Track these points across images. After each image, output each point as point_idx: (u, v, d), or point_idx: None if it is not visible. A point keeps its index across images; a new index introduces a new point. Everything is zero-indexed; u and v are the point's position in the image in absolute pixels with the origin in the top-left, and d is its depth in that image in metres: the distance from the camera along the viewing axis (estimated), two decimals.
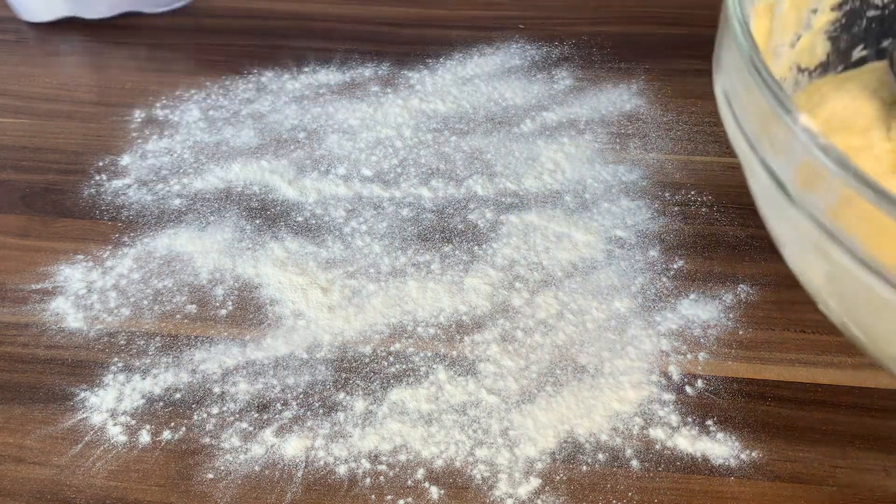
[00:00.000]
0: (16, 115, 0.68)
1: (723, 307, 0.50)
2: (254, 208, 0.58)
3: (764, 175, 0.32)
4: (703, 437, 0.43)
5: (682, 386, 0.46)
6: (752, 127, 0.33)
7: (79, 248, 0.55)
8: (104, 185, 0.60)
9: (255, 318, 0.50)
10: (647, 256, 0.53)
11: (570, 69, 0.70)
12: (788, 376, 0.46)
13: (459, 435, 0.44)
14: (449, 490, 0.41)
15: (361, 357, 0.48)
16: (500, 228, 0.55)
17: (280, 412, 0.45)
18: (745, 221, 0.55)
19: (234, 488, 0.42)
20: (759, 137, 0.32)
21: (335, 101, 0.67)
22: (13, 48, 0.76)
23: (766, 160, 0.32)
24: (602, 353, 0.47)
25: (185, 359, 0.48)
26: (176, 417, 0.45)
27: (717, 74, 0.38)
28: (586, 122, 0.64)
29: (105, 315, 0.51)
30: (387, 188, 0.59)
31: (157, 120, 0.66)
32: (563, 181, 0.59)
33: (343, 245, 0.54)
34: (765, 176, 0.32)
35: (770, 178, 0.32)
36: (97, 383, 0.47)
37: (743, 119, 0.34)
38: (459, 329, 0.49)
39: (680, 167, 0.60)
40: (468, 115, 0.65)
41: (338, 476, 0.42)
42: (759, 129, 0.32)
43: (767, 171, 0.32)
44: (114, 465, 0.43)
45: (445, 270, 0.53)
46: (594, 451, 0.43)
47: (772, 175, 0.32)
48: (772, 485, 0.41)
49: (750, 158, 0.33)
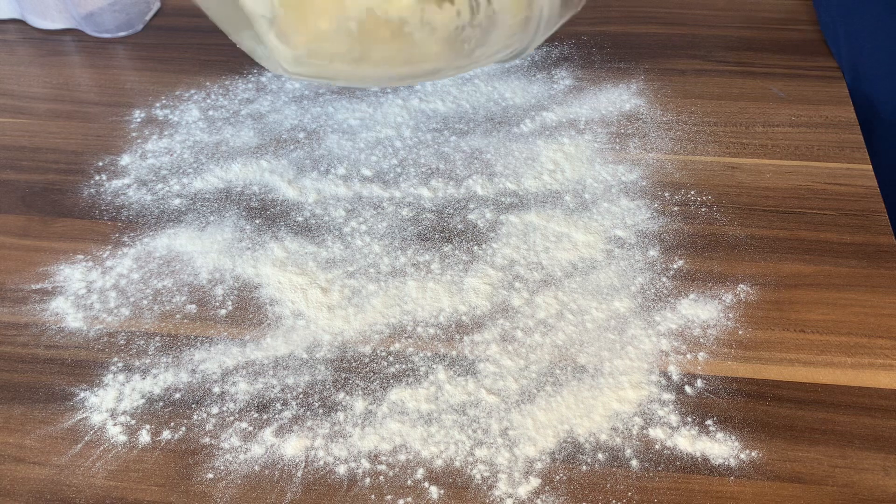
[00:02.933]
0: (16, 115, 0.68)
1: (722, 307, 0.50)
2: (254, 208, 0.58)
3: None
4: (703, 437, 0.43)
5: (682, 386, 0.46)
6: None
7: (79, 248, 0.55)
8: (104, 185, 0.60)
9: (254, 318, 0.50)
10: (646, 256, 0.53)
11: (570, 69, 0.70)
12: (788, 376, 0.46)
13: (459, 435, 0.44)
14: (449, 490, 0.41)
15: (361, 357, 0.48)
16: (500, 228, 0.55)
17: (280, 412, 0.45)
18: (745, 221, 0.55)
19: (234, 488, 0.42)
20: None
21: (335, 101, 0.67)
22: (13, 48, 0.76)
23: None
24: (602, 352, 0.47)
25: (185, 359, 0.48)
26: (176, 417, 0.45)
27: None
28: (586, 122, 0.64)
29: (105, 315, 0.51)
30: (386, 188, 0.59)
31: (156, 120, 0.66)
32: (562, 181, 0.59)
33: (343, 245, 0.55)
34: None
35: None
36: (97, 383, 0.47)
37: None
38: (459, 329, 0.49)
39: (680, 167, 0.60)
40: (468, 114, 0.65)
41: (337, 476, 0.42)
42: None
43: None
44: (114, 464, 0.43)
45: (445, 270, 0.53)
46: (594, 451, 0.43)
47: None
48: (772, 485, 0.41)
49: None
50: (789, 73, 0.68)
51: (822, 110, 0.64)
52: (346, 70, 0.54)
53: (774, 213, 0.56)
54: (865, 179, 0.58)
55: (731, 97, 0.66)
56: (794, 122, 0.63)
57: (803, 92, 0.66)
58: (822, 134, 0.62)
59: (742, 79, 0.68)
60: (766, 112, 0.64)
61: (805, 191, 0.57)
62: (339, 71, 0.55)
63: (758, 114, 0.64)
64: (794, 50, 0.71)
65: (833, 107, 0.65)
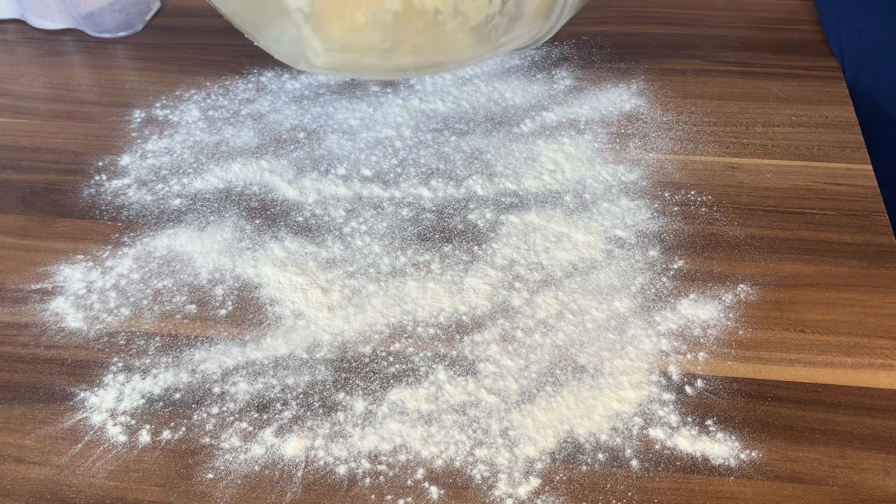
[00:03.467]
0: (16, 115, 0.68)
1: (723, 307, 0.50)
2: (254, 208, 0.58)
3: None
4: (703, 437, 0.43)
5: (682, 386, 0.46)
6: None
7: (79, 248, 0.55)
8: (104, 185, 0.60)
9: (254, 318, 0.50)
10: (646, 256, 0.53)
11: (570, 69, 0.70)
12: (788, 376, 0.46)
13: (459, 435, 0.44)
14: (449, 490, 0.41)
15: (361, 357, 0.48)
16: (500, 228, 0.55)
17: (280, 412, 0.45)
18: (745, 221, 0.55)
19: (234, 488, 0.42)
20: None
21: (335, 101, 0.67)
22: (13, 48, 0.76)
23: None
24: (602, 353, 0.47)
25: (185, 359, 0.48)
26: (176, 417, 0.45)
27: None
28: (586, 122, 0.64)
29: (105, 315, 0.51)
30: (386, 188, 0.59)
31: (156, 120, 0.66)
32: (562, 181, 0.59)
33: (343, 245, 0.55)
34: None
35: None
36: (97, 383, 0.47)
37: None
38: (459, 329, 0.49)
39: (680, 167, 0.60)
40: (468, 114, 0.65)
41: (338, 476, 0.42)
42: None
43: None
44: (114, 465, 0.43)
45: (445, 270, 0.53)
46: (594, 451, 0.43)
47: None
48: (772, 485, 0.41)
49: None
50: (789, 73, 0.68)
51: (822, 110, 0.64)
52: (375, 62, 0.54)
53: (774, 213, 0.56)
54: (865, 179, 0.58)
55: (731, 97, 0.66)
56: (794, 122, 0.63)
57: (803, 92, 0.66)
58: (823, 134, 0.62)
59: (742, 79, 0.68)
60: (766, 112, 0.64)
61: (805, 191, 0.57)
62: (368, 63, 0.55)
63: (758, 114, 0.64)
64: (794, 50, 0.71)
65: (833, 107, 0.65)
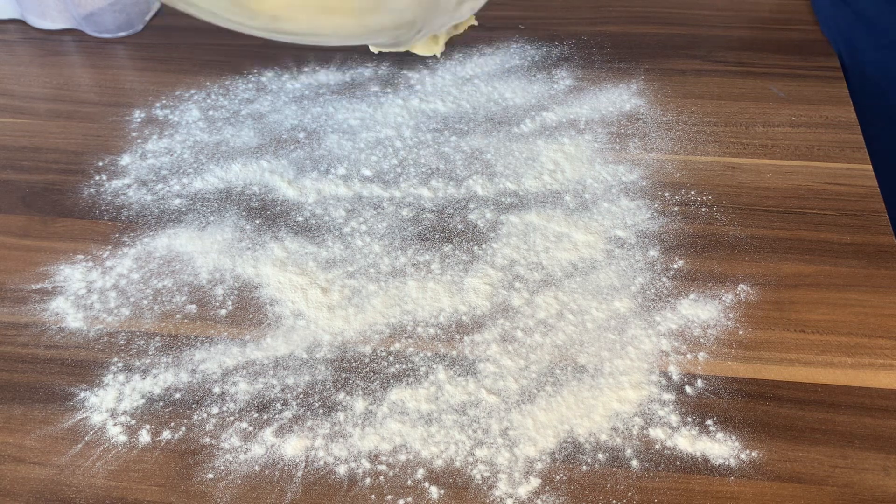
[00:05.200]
0: (16, 115, 0.68)
1: (722, 307, 0.50)
2: (254, 208, 0.58)
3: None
4: (703, 437, 0.43)
5: (682, 386, 0.46)
6: None
7: (79, 248, 0.55)
8: (104, 185, 0.60)
9: (254, 318, 0.50)
10: (646, 256, 0.53)
11: (570, 69, 0.70)
12: (788, 376, 0.46)
13: (459, 435, 0.44)
14: (449, 490, 0.41)
15: (361, 357, 0.48)
16: (500, 228, 0.55)
17: (280, 412, 0.45)
18: (744, 221, 0.55)
19: (234, 488, 0.42)
20: None
21: (335, 101, 0.67)
22: (13, 48, 0.76)
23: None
24: (602, 353, 0.47)
25: (185, 359, 0.48)
26: (176, 417, 0.45)
27: None
28: (586, 122, 0.64)
29: (105, 315, 0.51)
30: (387, 188, 0.59)
31: (156, 120, 0.66)
32: (562, 181, 0.59)
33: (343, 245, 0.55)
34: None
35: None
36: (97, 383, 0.47)
37: None
38: (459, 329, 0.49)
39: (680, 167, 0.60)
40: (468, 115, 0.65)
41: (338, 476, 0.42)
42: None
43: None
44: (114, 465, 0.43)
45: (445, 270, 0.53)
46: (594, 451, 0.43)
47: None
48: (772, 485, 0.41)
49: None
50: (789, 73, 0.68)
51: (822, 110, 0.64)
52: (315, 22, 0.51)
53: (774, 213, 0.56)
54: (865, 179, 0.58)
55: (731, 97, 0.66)
56: (794, 122, 0.63)
57: (803, 92, 0.66)
58: (822, 134, 0.62)
59: (742, 79, 0.68)
60: (766, 112, 0.64)
61: (805, 191, 0.57)
62: (307, 23, 0.51)
63: (758, 114, 0.64)
64: (794, 50, 0.71)
65: (833, 107, 0.65)
